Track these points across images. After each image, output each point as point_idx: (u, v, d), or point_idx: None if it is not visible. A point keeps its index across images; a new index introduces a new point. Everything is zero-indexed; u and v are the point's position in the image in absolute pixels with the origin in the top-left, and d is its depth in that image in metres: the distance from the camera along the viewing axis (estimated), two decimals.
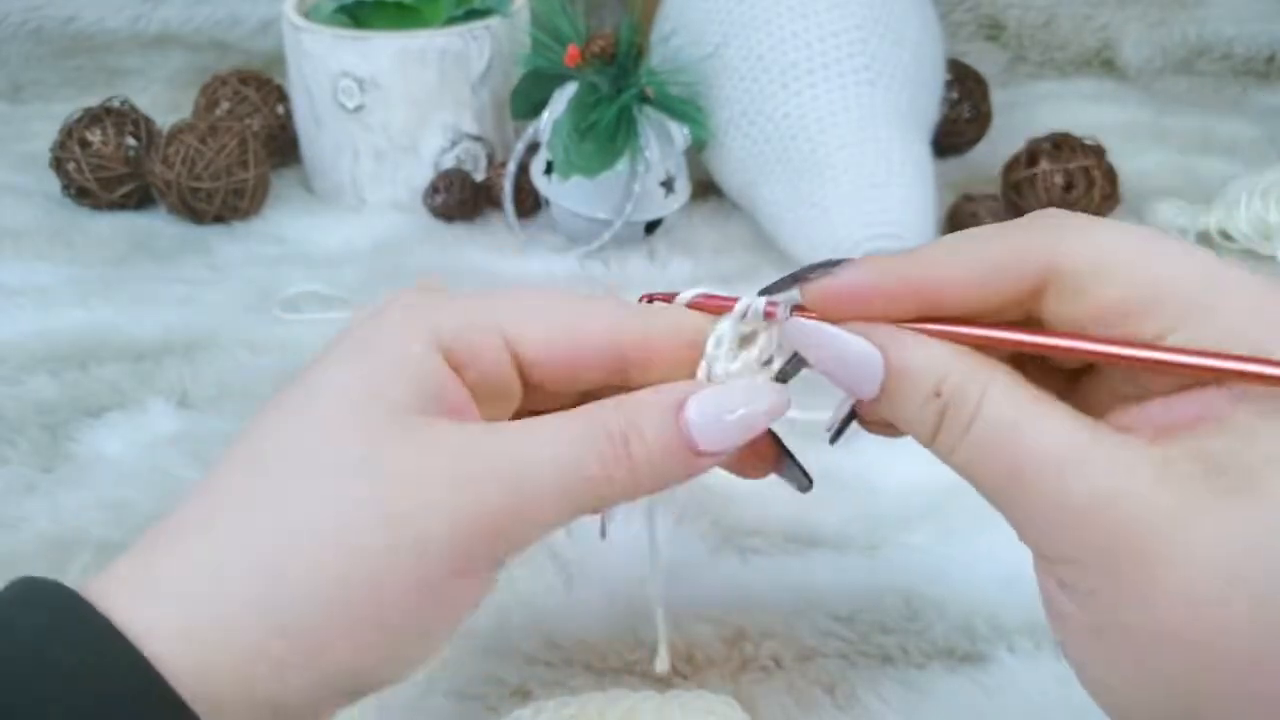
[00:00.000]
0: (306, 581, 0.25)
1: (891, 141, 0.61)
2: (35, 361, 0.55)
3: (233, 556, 0.25)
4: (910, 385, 0.25)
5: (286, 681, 0.25)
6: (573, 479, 0.26)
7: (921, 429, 0.25)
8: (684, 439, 0.27)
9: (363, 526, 0.25)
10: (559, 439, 0.26)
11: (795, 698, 0.37)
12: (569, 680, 0.37)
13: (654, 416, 0.27)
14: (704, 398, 0.27)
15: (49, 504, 0.46)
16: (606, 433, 0.26)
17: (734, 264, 0.64)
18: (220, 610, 0.24)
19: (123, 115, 0.69)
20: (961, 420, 0.24)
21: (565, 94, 0.63)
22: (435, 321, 0.28)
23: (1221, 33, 0.88)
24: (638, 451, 0.27)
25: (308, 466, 0.26)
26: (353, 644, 0.25)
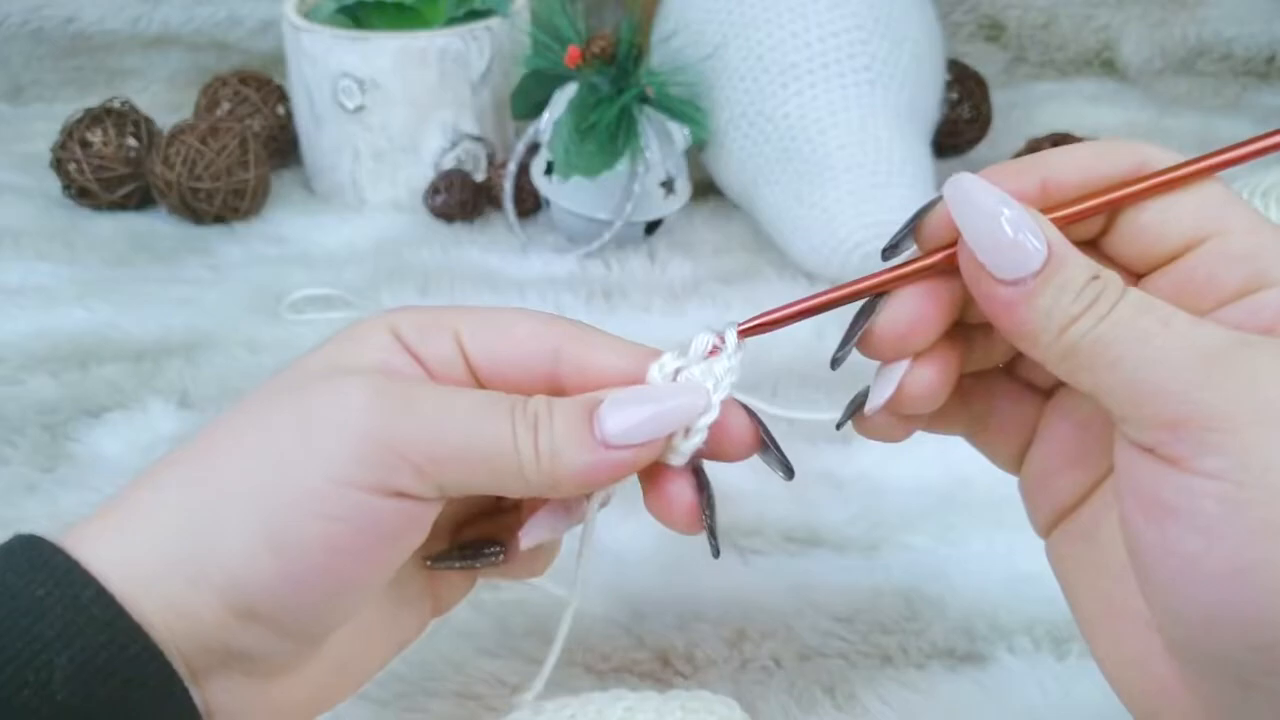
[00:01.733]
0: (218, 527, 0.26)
1: (892, 142, 0.61)
2: (36, 362, 0.55)
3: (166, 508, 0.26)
4: (1075, 267, 0.25)
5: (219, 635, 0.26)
6: (481, 431, 0.27)
7: (1068, 310, 0.25)
8: (590, 423, 0.27)
9: (265, 461, 0.26)
10: (475, 396, 0.28)
11: (795, 698, 0.37)
12: (569, 680, 0.37)
13: (566, 404, 0.28)
14: (618, 391, 0.28)
15: (49, 504, 0.46)
16: (522, 404, 0.27)
17: (734, 264, 0.64)
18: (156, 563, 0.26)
19: (123, 116, 0.69)
20: (1111, 299, 0.25)
21: (565, 94, 0.63)
22: (395, 319, 0.29)
23: (1221, 33, 0.88)
24: (544, 428, 0.27)
25: (240, 418, 0.28)
26: (266, 583, 0.26)
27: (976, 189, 0.26)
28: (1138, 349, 0.25)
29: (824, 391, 0.49)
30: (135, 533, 0.26)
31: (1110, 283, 0.25)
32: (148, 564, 0.26)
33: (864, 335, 0.28)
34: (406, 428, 0.26)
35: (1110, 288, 0.25)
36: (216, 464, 0.27)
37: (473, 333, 0.29)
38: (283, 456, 0.26)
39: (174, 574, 0.26)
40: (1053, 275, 0.25)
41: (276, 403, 0.28)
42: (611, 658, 0.38)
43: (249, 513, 0.26)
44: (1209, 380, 0.24)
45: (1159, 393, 0.24)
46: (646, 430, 0.28)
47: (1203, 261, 0.26)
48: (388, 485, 0.26)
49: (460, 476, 0.27)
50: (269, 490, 0.26)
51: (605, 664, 0.38)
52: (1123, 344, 0.25)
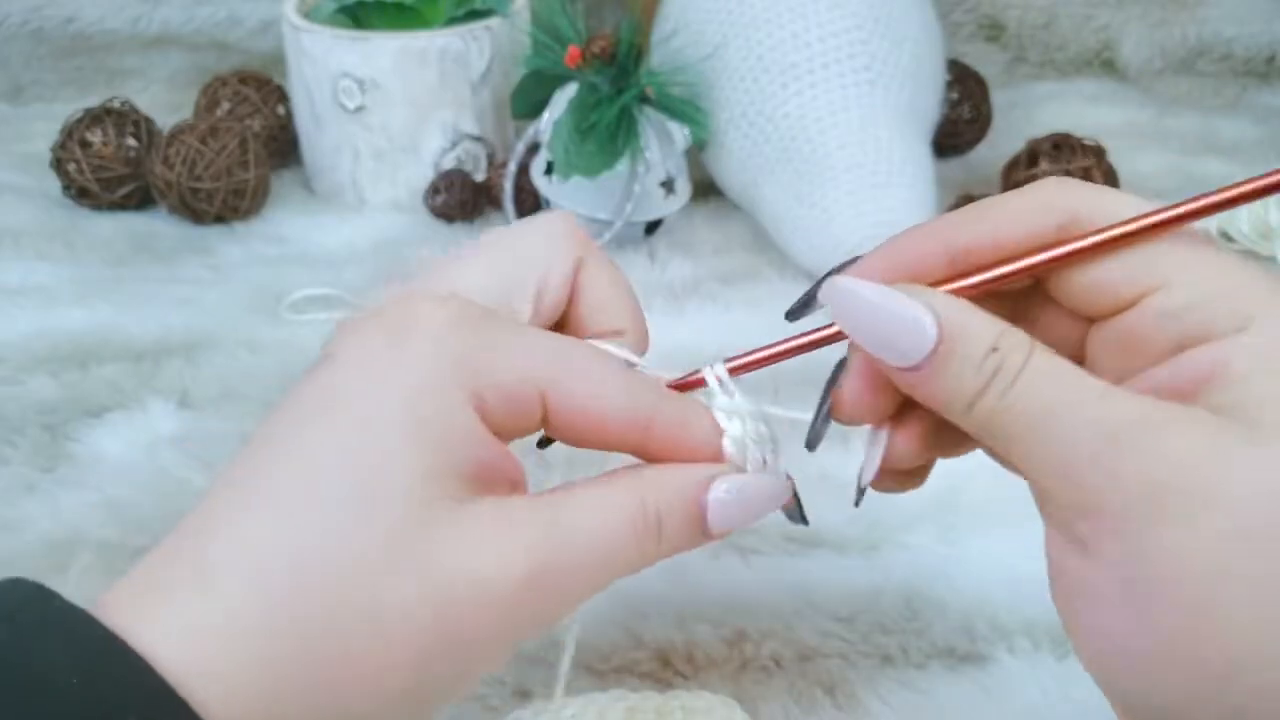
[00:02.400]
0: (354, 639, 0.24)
1: (892, 142, 0.61)
2: (36, 362, 0.55)
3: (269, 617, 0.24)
4: (969, 343, 0.25)
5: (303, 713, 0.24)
6: (611, 550, 0.27)
7: (970, 387, 0.25)
8: (701, 520, 0.28)
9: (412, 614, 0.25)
10: (603, 509, 0.27)
11: (795, 698, 0.37)
12: (569, 680, 0.37)
13: (680, 498, 0.28)
14: (725, 486, 0.28)
15: (49, 504, 0.46)
16: (644, 511, 0.27)
17: (734, 264, 0.64)
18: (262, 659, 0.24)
19: (123, 116, 0.69)
20: (1013, 370, 0.25)
21: (565, 94, 0.63)
22: (478, 381, 0.26)
23: (1221, 33, 0.88)
24: (665, 534, 0.28)
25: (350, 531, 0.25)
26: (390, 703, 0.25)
27: (850, 288, 0.26)
28: (1041, 425, 0.24)
29: None
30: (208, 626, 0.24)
31: (1010, 353, 0.25)
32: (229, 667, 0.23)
33: (834, 405, 0.29)
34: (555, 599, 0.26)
35: (1010, 359, 0.24)
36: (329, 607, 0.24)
37: (558, 388, 0.27)
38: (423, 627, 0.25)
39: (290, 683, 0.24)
40: (947, 355, 0.25)
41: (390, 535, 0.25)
42: (612, 658, 0.38)
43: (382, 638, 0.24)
44: (1105, 464, 0.23)
45: (1061, 474, 0.24)
46: (744, 524, 0.29)
47: (1140, 317, 0.25)
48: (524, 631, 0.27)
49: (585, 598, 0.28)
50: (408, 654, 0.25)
51: (606, 664, 0.38)
52: (1027, 419, 0.24)
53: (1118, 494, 0.23)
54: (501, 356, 0.27)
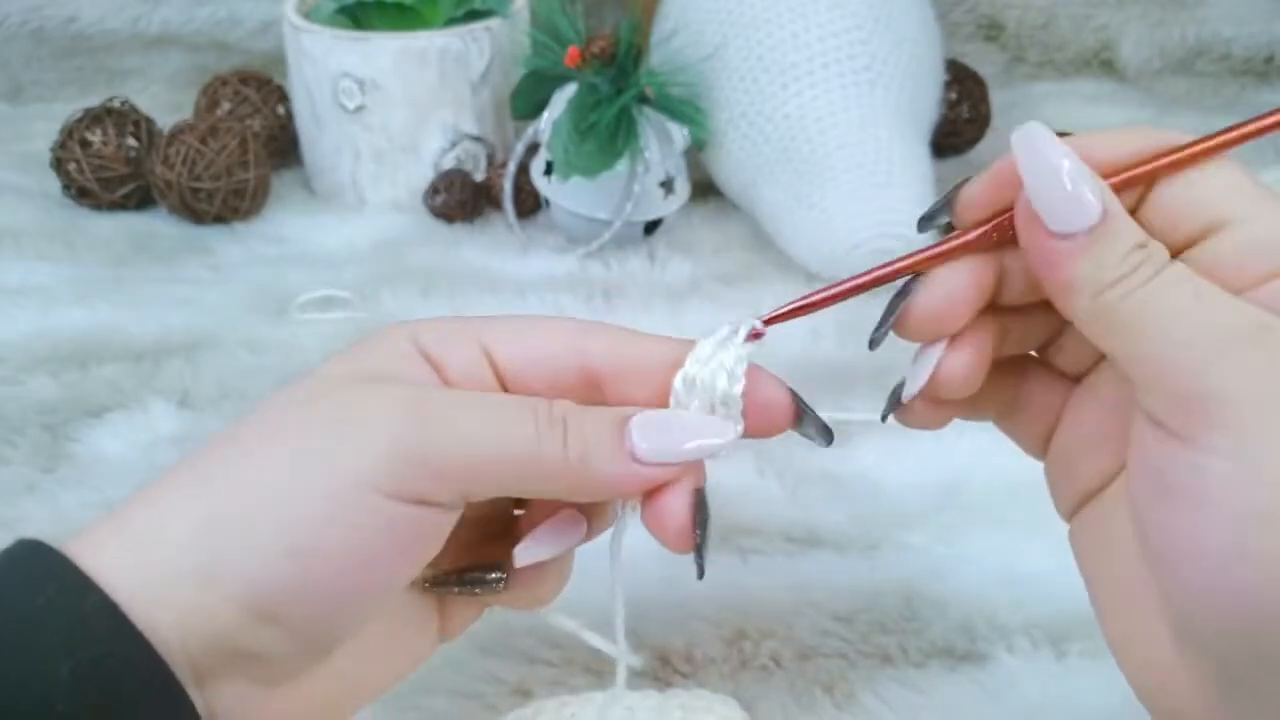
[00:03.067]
0: (237, 530, 0.26)
1: (891, 142, 0.61)
2: (36, 362, 0.55)
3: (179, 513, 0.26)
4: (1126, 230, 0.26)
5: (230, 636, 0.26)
6: (507, 434, 0.27)
7: (1112, 272, 0.26)
8: (621, 435, 0.28)
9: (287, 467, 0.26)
10: (497, 399, 0.28)
11: (795, 697, 0.37)
12: (569, 680, 0.37)
13: (596, 411, 0.28)
14: (653, 413, 0.28)
15: (49, 504, 0.46)
16: (545, 405, 0.28)
17: (733, 264, 0.64)
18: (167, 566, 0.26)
19: (123, 116, 0.69)
20: (1156, 265, 0.26)
21: (565, 94, 0.64)
22: (416, 329, 0.29)
23: (1220, 33, 0.88)
24: (573, 431, 0.27)
25: (262, 426, 0.28)
26: (283, 584, 0.26)
27: (1044, 139, 0.27)
28: (1166, 320, 0.25)
29: (825, 392, 0.49)
30: (143, 538, 0.26)
31: (1155, 253, 0.26)
32: (157, 568, 0.25)
33: (900, 316, 0.29)
34: (430, 434, 0.26)
35: (1154, 257, 0.26)
36: (230, 471, 0.27)
37: (498, 336, 0.29)
38: (302, 462, 0.26)
39: (186, 577, 0.25)
40: (1103, 235, 0.26)
41: (293, 411, 0.28)
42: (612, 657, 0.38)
43: (267, 517, 0.26)
44: (1224, 360, 0.24)
45: (1177, 365, 0.25)
46: (675, 456, 0.28)
47: (1224, 248, 0.26)
48: (411, 493, 0.26)
49: (484, 481, 0.27)
50: (288, 495, 0.26)
51: (605, 663, 0.38)
52: (1154, 313, 0.25)
53: (1236, 386, 0.24)
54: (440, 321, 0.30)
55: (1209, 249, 0.27)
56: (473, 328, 0.29)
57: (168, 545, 0.26)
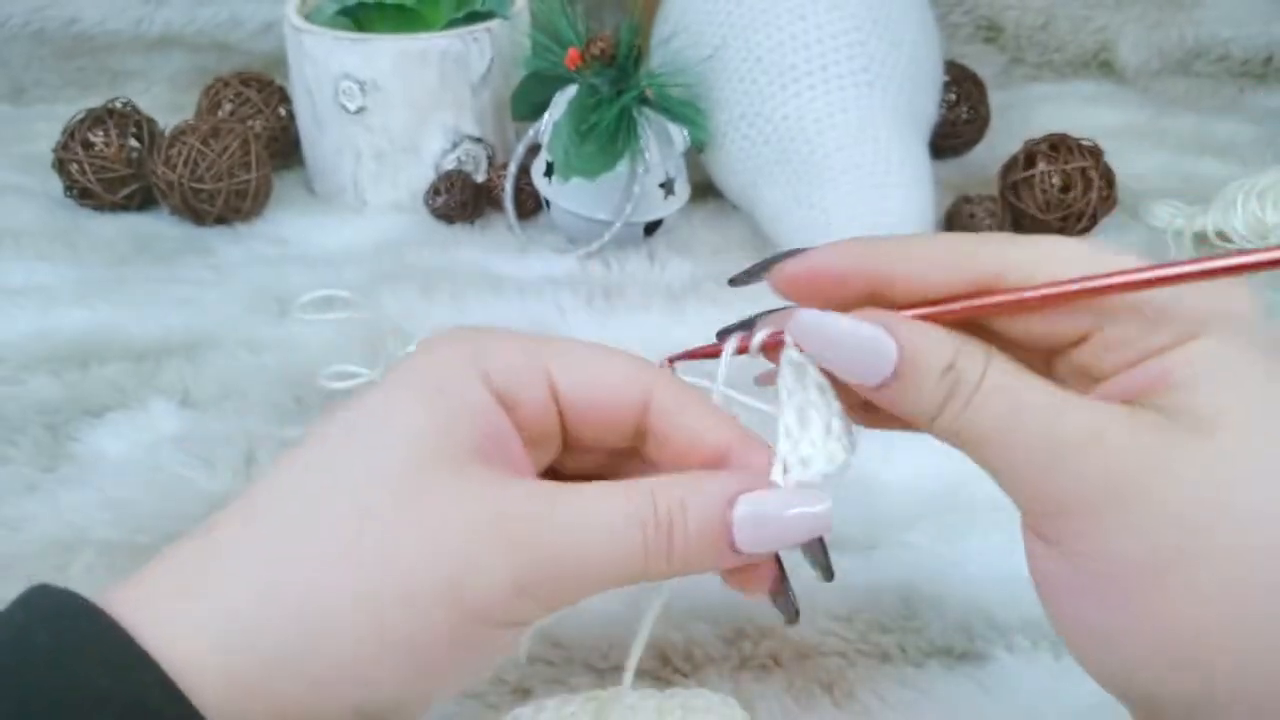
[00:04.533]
0: (349, 626, 0.25)
1: (890, 143, 0.61)
2: (37, 361, 0.55)
3: (273, 590, 0.25)
4: (926, 363, 0.26)
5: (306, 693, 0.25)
6: (618, 556, 0.27)
7: (930, 403, 0.26)
8: (726, 535, 0.28)
9: (408, 572, 0.26)
10: (610, 512, 0.27)
11: (794, 696, 0.37)
12: (569, 679, 0.37)
13: (701, 510, 0.28)
14: (755, 499, 0.28)
15: (51, 504, 0.46)
16: (655, 515, 0.27)
17: (733, 265, 0.64)
18: (258, 654, 0.25)
19: (125, 116, 0.69)
20: (970, 387, 0.26)
21: (565, 96, 0.64)
22: (487, 361, 0.29)
23: (1219, 34, 0.88)
24: (679, 540, 0.27)
25: (359, 503, 0.26)
26: (386, 690, 0.26)
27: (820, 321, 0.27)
28: (998, 437, 0.26)
29: None
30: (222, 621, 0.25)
31: (965, 373, 0.26)
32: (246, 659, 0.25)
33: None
34: (546, 573, 0.27)
35: (965, 378, 0.26)
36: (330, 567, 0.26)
37: (565, 371, 0.30)
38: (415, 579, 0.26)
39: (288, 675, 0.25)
40: (905, 376, 0.26)
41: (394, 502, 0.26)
42: (611, 655, 0.38)
43: (385, 634, 0.25)
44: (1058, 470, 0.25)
45: (1023, 480, 0.26)
46: (777, 544, 0.29)
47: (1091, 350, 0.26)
48: (520, 622, 0.27)
49: (591, 594, 0.28)
50: (409, 617, 0.26)
51: (605, 662, 0.38)
52: (985, 431, 0.26)
53: (1073, 496, 0.25)
54: (504, 342, 0.30)
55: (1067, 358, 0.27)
56: (541, 359, 0.30)
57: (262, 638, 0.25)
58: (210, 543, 0.26)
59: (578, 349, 0.30)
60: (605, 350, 0.31)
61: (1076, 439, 0.25)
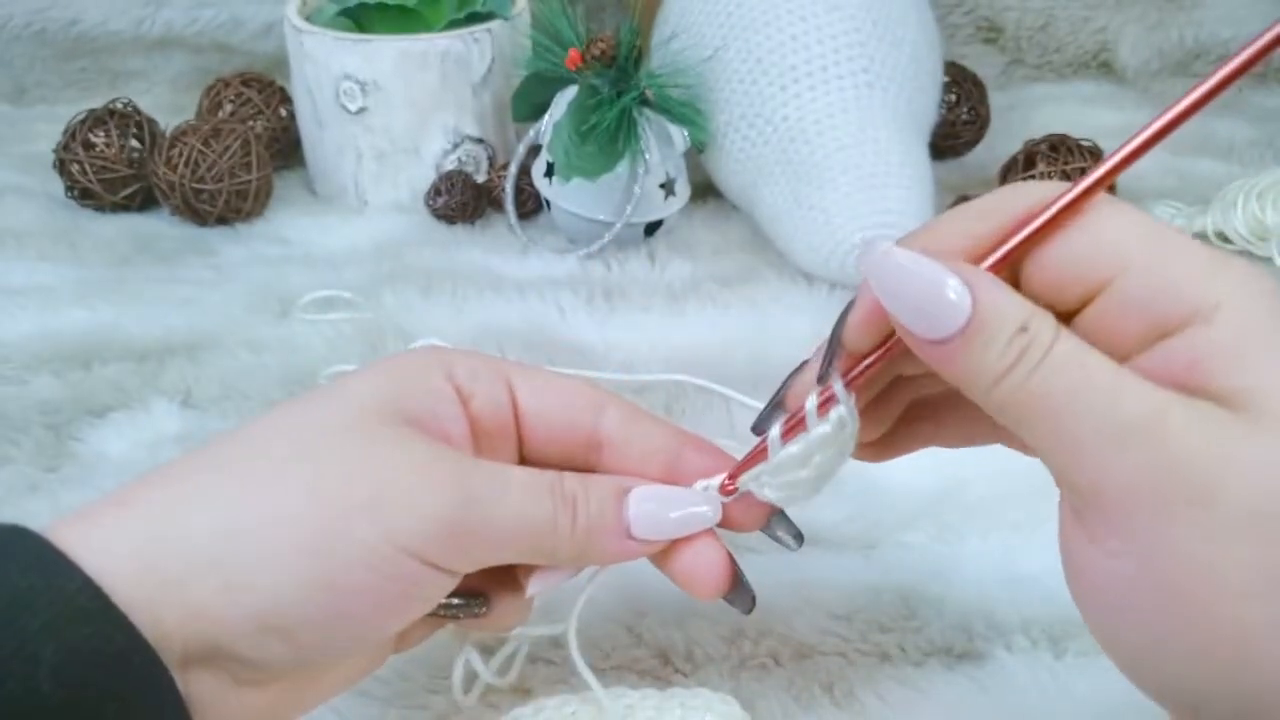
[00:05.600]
0: (266, 538, 0.27)
1: (890, 143, 0.61)
2: (39, 361, 0.55)
3: (196, 503, 0.27)
4: (1001, 320, 0.25)
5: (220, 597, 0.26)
6: (529, 514, 0.30)
7: (997, 365, 0.25)
8: (621, 513, 0.31)
9: (333, 497, 0.28)
10: (526, 478, 0.30)
11: (794, 695, 0.37)
12: (569, 679, 0.37)
13: (600, 489, 0.31)
14: (645, 491, 0.31)
15: (52, 503, 0.46)
16: (562, 489, 0.30)
17: (733, 265, 0.64)
18: (174, 557, 0.26)
19: (126, 117, 0.69)
20: (1038, 354, 0.25)
21: (566, 97, 0.64)
22: (452, 360, 0.32)
23: (1218, 35, 0.88)
24: (581, 514, 0.30)
25: (295, 447, 0.29)
26: (295, 606, 0.27)
27: (893, 255, 0.26)
28: (1062, 408, 0.24)
29: None
30: (152, 528, 0.27)
31: (1038, 336, 0.25)
32: (169, 562, 0.26)
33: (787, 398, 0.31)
34: (473, 516, 0.29)
35: (1037, 341, 0.25)
36: (260, 487, 0.28)
37: (525, 380, 0.32)
38: (346, 510, 0.28)
39: (201, 579, 0.26)
40: (976, 333, 0.25)
41: (332, 444, 0.29)
42: (611, 655, 0.38)
43: (303, 550, 0.27)
44: (1114, 456, 0.24)
45: (1077, 458, 0.24)
46: (666, 533, 0.32)
47: (1106, 311, 0.25)
48: (443, 563, 0.29)
49: (506, 554, 0.30)
50: (329, 536, 0.27)
51: (605, 662, 0.38)
52: (1042, 407, 0.25)
53: (1125, 487, 0.24)
54: (470, 352, 0.33)
55: (1098, 309, 0.26)
56: (503, 368, 0.32)
57: (182, 543, 0.27)
58: (152, 472, 0.28)
59: (538, 369, 0.33)
60: (561, 374, 0.33)
61: (1137, 425, 0.23)
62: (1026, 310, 0.25)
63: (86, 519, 0.27)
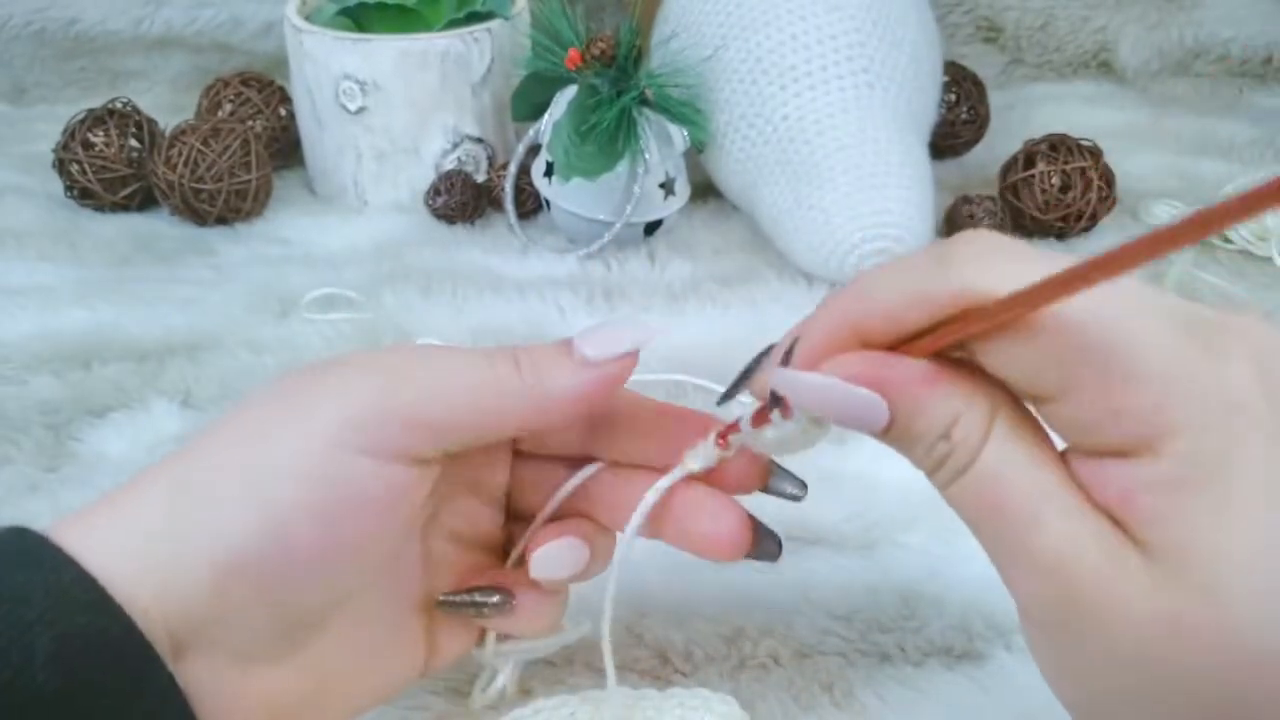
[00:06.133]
0: (205, 493, 0.27)
1: (890, 143, 0.61)
2: (39, 361, 0.55)
3: (156, 485, 0.27)
4: (923, 428, 0.25)
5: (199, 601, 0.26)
6: (467, 374, 0.28)
7: (923, 464, 0.26)
8: (568, 351, 0.29)
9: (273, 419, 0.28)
10: (457, 349, 0.30)
11: (794, 696, 0.37)
12: (569, 678, 0.37)
13: (542, 345, 0.30)
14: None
15: (52, 504, 0.46)
16: (497, 350, 0.29)
17: (733, 265, 0.64)
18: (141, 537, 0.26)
19: (125, 117, 0.69)
20: (959, 465, 0.25)
21: (566, 96, 0.64)
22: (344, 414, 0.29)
23: (1219, 34, 0.88)
24: (524, 359, 0.29)
25: (238, 407, 0.29)
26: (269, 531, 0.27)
27: (800, 379, 0.26)
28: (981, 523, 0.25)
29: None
30: (122, 517, 0.27)
31: (964, 442, 0.24)
32: (134, 543, 0.26)
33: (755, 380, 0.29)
34: (396, 386, 0.28)
35: (962, 447, 0.24)
36: (205, 448, 0.28)
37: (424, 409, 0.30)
38: (274, 428, 0.27)
39: (158, 541, 0.26)
40: (898, 436, 0.25)
41: (263, 390, 0.29)
42: (611, 656, 0.38)
43: (237, 480, 0.27)
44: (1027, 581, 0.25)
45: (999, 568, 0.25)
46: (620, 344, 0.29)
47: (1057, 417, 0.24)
48: (384, 447, 0.27)
49: (453, 425, 0.28)
50: (258, 458, 0.27)
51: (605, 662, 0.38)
52: (968, 514, 0.25)
53: (1034, 611, 0.25)
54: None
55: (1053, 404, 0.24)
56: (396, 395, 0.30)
57: (143, 517, 0.27)
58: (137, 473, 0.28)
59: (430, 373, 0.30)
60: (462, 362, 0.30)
61: (1054, 560, 0.24)
62: (951, 413, 0.24)
63: (83, 516, 0.27)
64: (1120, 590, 0.23)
